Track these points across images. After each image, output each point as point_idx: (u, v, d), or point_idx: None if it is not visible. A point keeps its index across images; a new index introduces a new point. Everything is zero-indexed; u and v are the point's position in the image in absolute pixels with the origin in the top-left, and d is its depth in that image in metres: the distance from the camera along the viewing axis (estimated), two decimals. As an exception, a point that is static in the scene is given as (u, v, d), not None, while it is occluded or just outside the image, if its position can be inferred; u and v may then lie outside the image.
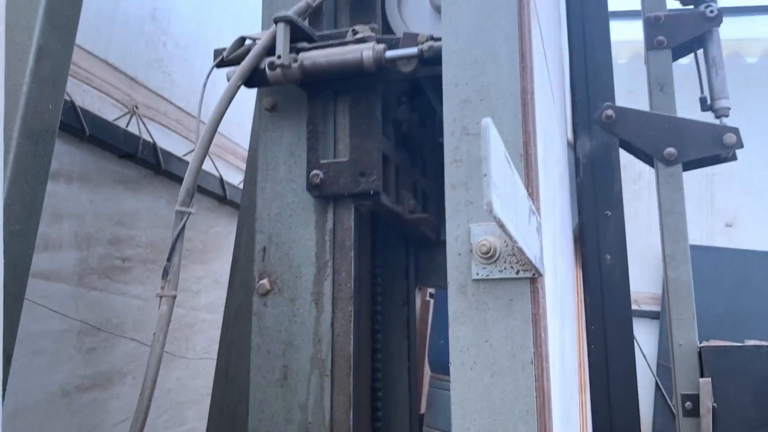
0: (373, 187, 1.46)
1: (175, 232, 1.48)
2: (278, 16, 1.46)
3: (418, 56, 1.35)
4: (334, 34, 1.53)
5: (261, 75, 1.48)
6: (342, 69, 1.42)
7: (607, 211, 2.15)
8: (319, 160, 1.53)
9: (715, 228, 7.47)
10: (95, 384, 2.44)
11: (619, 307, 2.10)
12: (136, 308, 2.65)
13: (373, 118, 1.50)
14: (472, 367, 1.00)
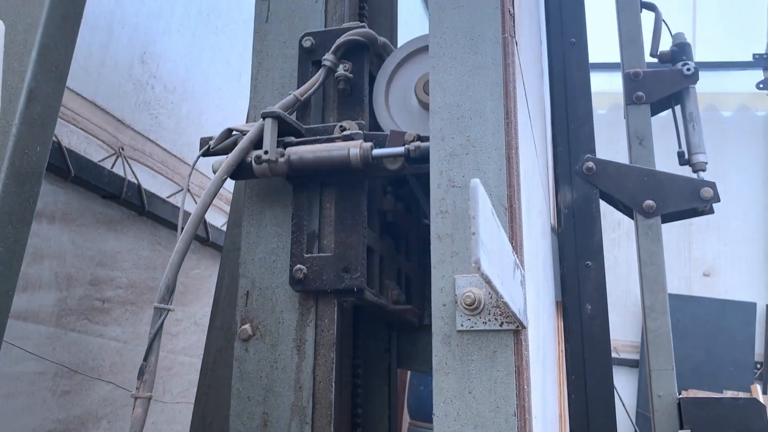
0: (357, 284, 1.45)
1: (153, 330, 1.39)
2: (266, 111, 1.48)
3: (404, 155, 1.37)
4: (322, 129, 1.55)
5: (247, 168, 1.49)
6: (329, 165, 1.44)
7: (587, 261, 2.18)
8: (303, 253, 1.53)
9: (693, 277, 7.55)
10: (68, 429, 2.39)
11: (599, 357, 2.11)
12: (114, 350, 2.61)
13: (359, 213, 1.50)
14: (456, 418, 1.00)
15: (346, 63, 1.62)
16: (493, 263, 0.67)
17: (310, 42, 1.64)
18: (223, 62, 3.39)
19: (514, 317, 0.96)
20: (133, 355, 2.74)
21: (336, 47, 1.59)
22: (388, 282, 1.71)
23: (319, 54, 1.63)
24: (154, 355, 1.43)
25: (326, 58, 1.59)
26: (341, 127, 1.52)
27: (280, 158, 1.46)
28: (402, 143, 1.39)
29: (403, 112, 1.67)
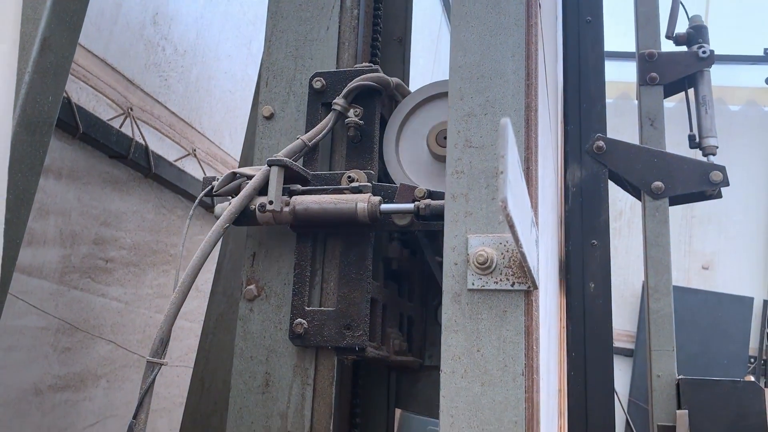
0: (359, 342, 1.42)
1: (144, 385, 1.31)
2: (272, 159, 1.44)
3: (414, 213, 1.34)
4: (329, 177, 1.51)
5: (250, 215, 1.46)
6: (335, 218, 1.40)
7: (593, 240, 2.18)
8: (305, 306, 1.49)
9: (692, 270, 7.57)
10: (68, 385, 2.40)
11: (600, 335, 2.12)
12: (115, 311, 2.62)
13: (364, 267, 1.46)
14: (463, 375, 1.01)
15: (357, 108, 1.56)
16: (517, 208, 0.67)
17: (321, 83, 1.59)
18: (234, 29, 3.37)
19: (527, 275, 0.96)
20: (134, 317, 2.75)
21: (347, 92, 1.53)
22: (390, 330, 1.68)
23: (329, 96, 1.58)
24: (144, 412, 1.32)
25: (337, 102, 1.54)
26: (349, 177, 1.47)
27: (285, 207, 1.42)
28: (412, 198, 1.35)
29: (414, 162, 1.62)
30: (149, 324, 2.84)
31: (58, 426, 2.37)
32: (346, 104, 1.54)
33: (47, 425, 2.32)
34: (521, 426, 0.97)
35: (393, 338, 1.66)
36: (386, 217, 1.39)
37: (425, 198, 1.34)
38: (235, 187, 1.53)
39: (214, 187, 1.56)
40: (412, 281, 1.87)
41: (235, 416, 1.61)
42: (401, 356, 1.67)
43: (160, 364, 1.35)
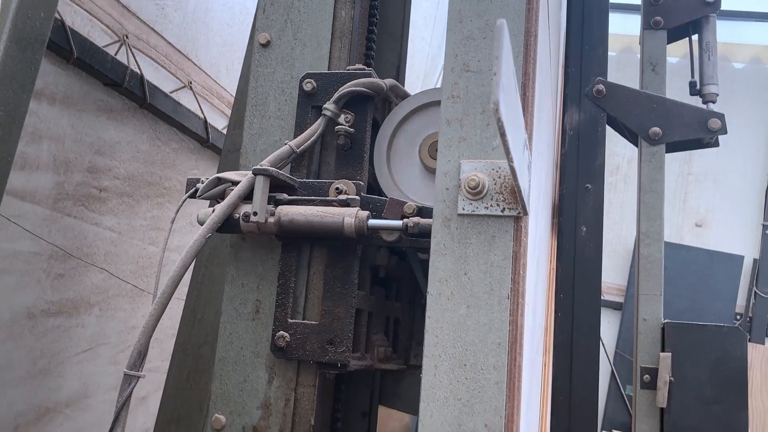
0: (342, 359, 1.40)
1: (121, 399, 1.27)
2: (258, 168, 1.39)
3: (402, 230, 1.31)
4: (317, 186, 1.47)
5: (234, 223, 1.42)
6: (320, 231, 1.37)
7: (587, 184, 2.18)
8: (287, 318, 1.47)
9: (685, 227, 7.61)
10: (61, 310, 2.42)
11: (589, 279, 2.13)
12: (109, 240, 2.63)
13: (349, 281, 1.44)
14: (449, 297, 1.02)
15: (349, 114, 1.52)
16: (510, 116, 0.66)
17: (311, 85, 1.54)
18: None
19: (518, 199, 0.96)
20: (128, 248, 2.76)
21: (338, 97, 1.48)
22: (375, 337, 1.66)
23: (319, 99, 1.53)
24: (120, 426, 1.29)
25: (327, 108, 1.50)
26: (337, 189, 1.43)
27: (270, 217, 1.39)
28: (400, 214, 1.32)
29: (406, 172, 1.58)
30: (143, 255, 2.86)
31: (51, 350, 2.41)
32: (336, 110, 1.49)
33: (40, 348, 2.35)
34: (504, 347, 0.98)
35: (377, 345, 1.65)
36: (374, 232, 1.35)
37: (414, 215, 1.30)
38: (219, 192, 1.49)
39: (198, 191, 1.51)
40: (400, 282, 1.84)
41: (225, 341, 1.63)
42: (385, 363, 1.66)
43: (137, 377, 1.30)
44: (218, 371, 1.60)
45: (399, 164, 1.58)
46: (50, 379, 2.41)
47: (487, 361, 0.98)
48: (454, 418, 0.99)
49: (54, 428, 2.45)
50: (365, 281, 1.62)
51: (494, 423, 0.96)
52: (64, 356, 2.47)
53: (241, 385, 1.58)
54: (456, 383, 0.99)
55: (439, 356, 1.01)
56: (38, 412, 2.36)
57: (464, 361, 1.00)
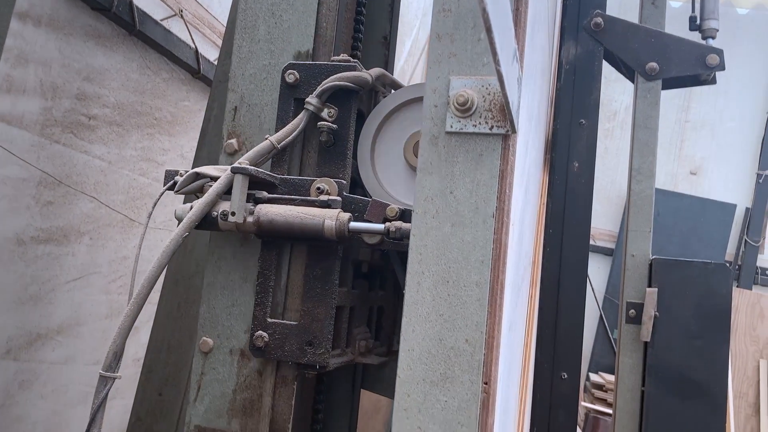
0: (320, 360, 1.38)
1: (97, 400, 1.25)
2: (236, 167, 1.34)
3: (383, 234, 1.27)
4: (298, 183, 1.42)
5: (212, 221, 1.38)
6: (300, 232, 1.33)
7: (582, 119, 2.16)
8: (266, 318, 1.44)
9: (680, 174, 7.61)
10: (51, 238, 2.42)
11: (579, 214, 2.13)
12: (98, 169, 2.61)
13: (329, 282, 1.40)
14: (435, 216, 1.01)
15: (332, 108, 1.46)
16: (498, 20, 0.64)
17: (294, 77, 1.48)
18: None
19: (506, 113, 0.95)
20: (118, 178, 2.74)
21: (321, 91, 1.42)
22: (356, 331, 1.64)
23: (303, 91, 1.48)
24: (96, 427, 1.26)
25: (309, 102, 1.44)
26: (319, 189, 1.39)
27: (249, 216, 1.35)
28: (383, 216, 1.29)
29: (390, 171, 1.53)
30: (133, 186, 2.84)
31: (42, 277, 2.41)
32: (319, 104, 1.44)
33: (30, 275, 2.35)
34: (487, 265, 0.98)
35: (359, 339, 1.63)
36: (355, 234, 1.33)
37: (397, 218, 1.28)
38: (197, 187, 1.45)
39: (177, 184, 1.46)
40: (384, 270, 1.82)
41: (213, 266, 1.63)
42: (366, 357, 1.65)
43: (113, 378, 1.29)
44: (206, 296, 1.61)
45: (383, 162, 1.54)
46: (41, 306, 2.43)
47: (469, 278, 0.99)
48: (435, 333, 0.99)
49: (46, 354, 2.48)
50: (347, 277, 1.59)
51: (475, 339, 0.97)
52: (54, 283, 2.47)
53: (229, 309, 1.58)
54: (438, 299, 1.00)
55: (422, 273, 1.01)
56: (30, 338, 2.39)
57: (447, 278, 1.00)
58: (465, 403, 0.96)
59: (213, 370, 1.58)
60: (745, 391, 5.49)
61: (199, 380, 1.60)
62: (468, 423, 0.96)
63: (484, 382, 0.96)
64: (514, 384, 1.51)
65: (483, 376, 0.96)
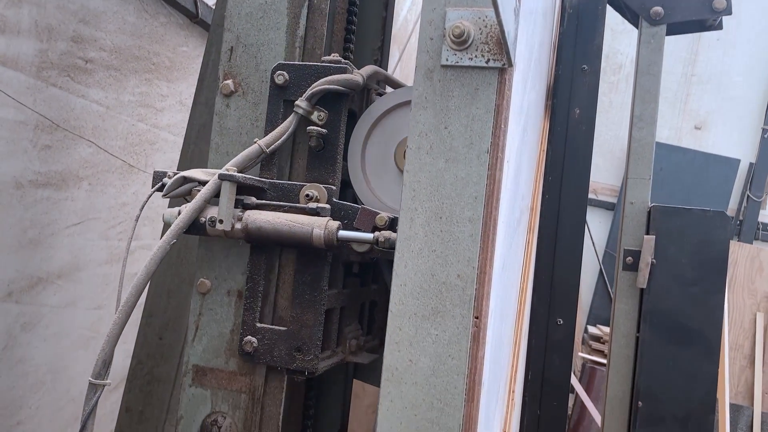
0: (309, 366, 1.38)
1: (87, 408, 1.25)
2: (224, 174, 1.32)
3: (372, 243, 1.26)
4: (287, 189, 1.40)
5: (200, 227, 1.37)
6: (288, 240, 1.32)
7: (584, 65, 2.13)
8: (255, 323, 1.43)
9: (684, 129, 7.54)
10: (50, 182, 2.41)
11: (579, 161, 2.12)
12: (96, 114, 2.59)
13: (318, 288, 1.39)
14: (428, 152, 1.00)
15: (322, 111, 1.43)
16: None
17: (283, 78, 1.45)
18: None
19: (503, 44, 0.93)
20: (116, 123, 2.72)
21: (311, 95, 1.39)
22: (347, 329, 1.63)
23: (292, 92, 1.45)
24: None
25: (299, 105, 1.41)
26: (308, 195, 1.37)
27: (237, 223, 1.34)
28: (372, 224, 1.27)
29: (380, 174, 1.51)
30: (131, 132, 2.82)
31: (41, 222, 2.42)
32: (309, 107, 1.41)
33: (29, 219, 2.35)
34: (480, 201, 0.98)
35: (350, 338, 1.63)
36: (344, 243, 1.32)
37: (386, 227, 1.26)
38: (185, 191, 1.43)
39: (165, 188, 1.44)
40: (377, 264, 1.80)
41: (209, 209, 1.64)
42: (356, 356, 1.65)
43: (103, 385, 1.29)
44: (203, 239, 1.61)
45: (374, 167, 1.53)
46: (41, 250, 2.44)
47: (462, 214, 0.98)
48: (427, 269, 1.00)
49: (47, 297, 2.50)
50: (338, 278, 1.59)
51: (466, 274, 0.97)
52: (54, 228, 2.48)
53: (226, 251, 1.59)
54: (431, 235, 1.00)
55: (415, 209, 1.01)
56: (30, 281, 2.40)
57: (440, 214, 0.99)
58: (456, 337, 0.97)
59: (210, 311, 1.60)
60: (741, 342, 5.55)
61: (197, 321, 1.61)
62: (458, 356, 0.97)
63: (475, 316, 0.97)
64: (509, 325, 1.52)
65: (474, 310, 0.97)
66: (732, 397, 5.38)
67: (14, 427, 2.44)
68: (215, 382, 1.54)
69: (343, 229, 1.30)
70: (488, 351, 1.04)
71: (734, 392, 5.50)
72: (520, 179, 1.42)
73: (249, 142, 1.61)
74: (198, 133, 2.45)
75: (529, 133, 1.49)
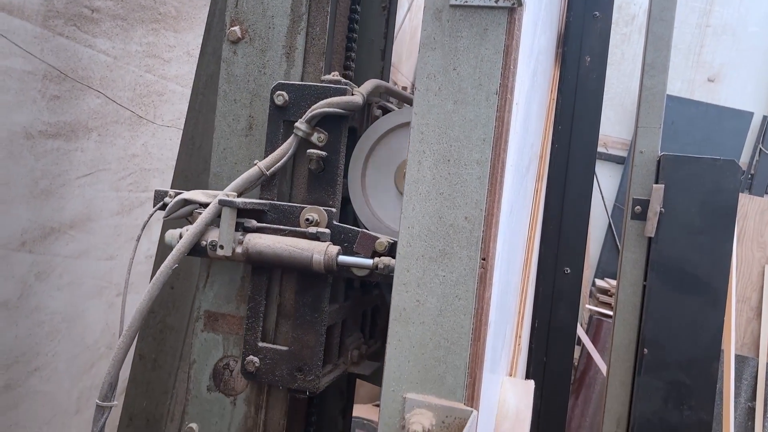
0: (310, 387, 1.39)
1: (96, 429, 1.27)
2: (224, 199, 1.32)
3: (372, 269, 1.26)
4: (288, 211, 1.39)
5: (202, 249, 1.36)
6: (289, 264, 1.33)
7: (595, 11, 2.09)
8: (257, 342, 1.44)
9: (697, 81, 7.43)
10: (59, 133, 2.42)
11: (589, 111, 2.11)
12: (104, 64, 2.58)
13: (319, 310, 1.39)
14: (437, 93, 1.00)
15: (322, 133, 1.41)
16: None
17: (283, 98, 1.43)
18: None
19: (511, -16, 0.92)
20: (124, 73, 2.71)
21: (310, 117, 1.38)
22: (349, 340, 1.63)
23: (292, 113, 1.43)
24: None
25: (298, 127, 1.39)
26: (308, 220, 1.36)
27: (238, 247, 1.34)
28: (372, 249, 1.28)
29: (380, 195, 1.50)
30: (139, 83, 2.81)
31: (52, 172, 2.43)
32: (309, 129, 1.40)
33: (40, 169, 2.37)
34: (489, 143, 0.98)
35: (351, 348, 1.64)
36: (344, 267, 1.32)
37: (385, 252, 1.27)
38: (186, 213, 1.43)
39: (166, 209, 1.44)
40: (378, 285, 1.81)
41: (218, 157, 1.64)
42: (357, 366, 1.66)
43: (110, 407, 1.30)
44: (213, 186, 1.62)
45: (374, 188, 1.53)
46: (53, 200, 2.46)
47: (471, 157, 0.98)
48: (435, 211, 1.00)
49: (60, 247, 2.53)
50: (339, 294, 1.59)
51: (474, 216, 0.98)
52: (65, 179, 2.50)
53: (234, 174, 1.59)
54: (439, 178, 1.00)
55: (423, 152, 1.01)
56: (43, 231, 2.43)
57: (448, 156, 1.00)
58: (463, 278, 0.98)
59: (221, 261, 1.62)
60: (749, 295, 5.57)
61: (207, 267, 1.63)
62: (465, 296, 0.98)
63: (482, 258, 0.98)
64: (516, 272, 1.54)
65: (481, 252, 0.98)
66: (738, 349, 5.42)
67: (32, 373, 2.50)
68: (227, 327, 1.57)
69: (343, 254, 1.31)
70: (495, 293, 1.05)
71: (740, 344, 5.54)
72: (530, 125, 1.41)
73: (257, 89, 1.61)
74: (206, 83, 2.44)
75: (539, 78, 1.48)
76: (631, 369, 2.02)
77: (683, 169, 1.95)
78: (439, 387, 1.01)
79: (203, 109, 2.37)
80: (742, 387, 5.38)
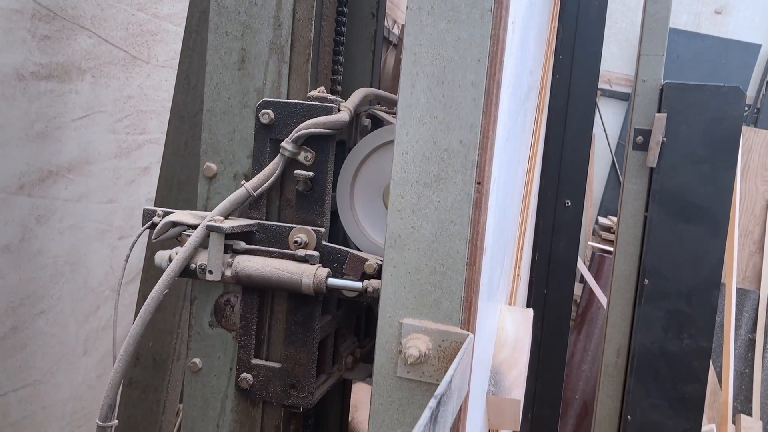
0: (303, 403, 1.39)
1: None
2: (211, 225, 1.29)
3: (361, 291, 1.26)
4: (276, 231, 1.37)
5: (191, 272, 1.34)
6: (278, 286, 1.31)
7: (598, -64, 2.02)
8: (250, 360, 1.42)
9: (704, 14, 7.27)
10: (52, 74, 2.38)
11: (591, 41, 2.06)
12: (94, 2, 2.52)
13: (310, 328, 1.38)
14: (429, 12, 0.97)
15: (309, 152, 1.38)
16: None
17: (269, 117, 1.39)
18: None
19: None
20: (115, 12, 2.65)
21: (297, 137, 1.34)
22: (343, 347, 1.62)
23: (278, 131, 1.39)
24: None
25: (285, 147, 1.35)
26: (296, 242, 1.34)
27: (227, 270, 1.32)
28: (361, 271, 1.27)
29: (370, 213, 1.48)
30: (132, 22, 2.75)
31: (47, 115, 2.40)
32: (295, 149, 1.37)
33: (35, 112, 2.34)
34: (483, 64, 0.95)
35: (345, 354, 1.64)
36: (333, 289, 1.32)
37: (374, 274, 1.26)
38: (174, 234, 1.41)
39: (154, 231, 1.41)
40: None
41: (211, 92, 1.61)
42: (352, 372, 1.66)
43: (111, 427, 1.31)
44: (207, 122, 1.59)
45: (362, 205, 1.51)
46: (49, 143, 2.44)
47: (465, 78, 0.96)
48: (429, 136, 0.98)
49: (58, 191, 2.52)
50: (331, 306, 1.58)
51: (469, 140, 0.96)
52: (60, 121, 2.47)
53: (230, 135, 1.57)
54: (432, 101, 0.97)
55: (416, 74, 0.98)
56: (41, 174, 2.42)
57: (442, 78, 0.97)
58: (458, 203, 0.97)
59: (218, 194, 1.60)
60: (752, 229, 5.56)
61: (205, 205, 1.63)
62: (460, 221, 0.97)
63: (477, 182, 0.96)
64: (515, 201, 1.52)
65: (476, 176, 0.96)
66: (739, 282, 5.45)
67: (38, 315, 2.52)
68: (226, 263, 1.57)
69: (332, 276, 1.32)
70: (491, 218, 1.04)
71: (742, 277, 5.57)
72: (528, 49, 1.37)
73: (248, 20, 1.57)
74: (198, 20, 2.39)
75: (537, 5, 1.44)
76: (632, 300, 2.03)
77: (687, 97, 1.91)
78: (435, 312, 1.01)
79: (197, 48, 2.32)
80: (743, 319, 5.44)
